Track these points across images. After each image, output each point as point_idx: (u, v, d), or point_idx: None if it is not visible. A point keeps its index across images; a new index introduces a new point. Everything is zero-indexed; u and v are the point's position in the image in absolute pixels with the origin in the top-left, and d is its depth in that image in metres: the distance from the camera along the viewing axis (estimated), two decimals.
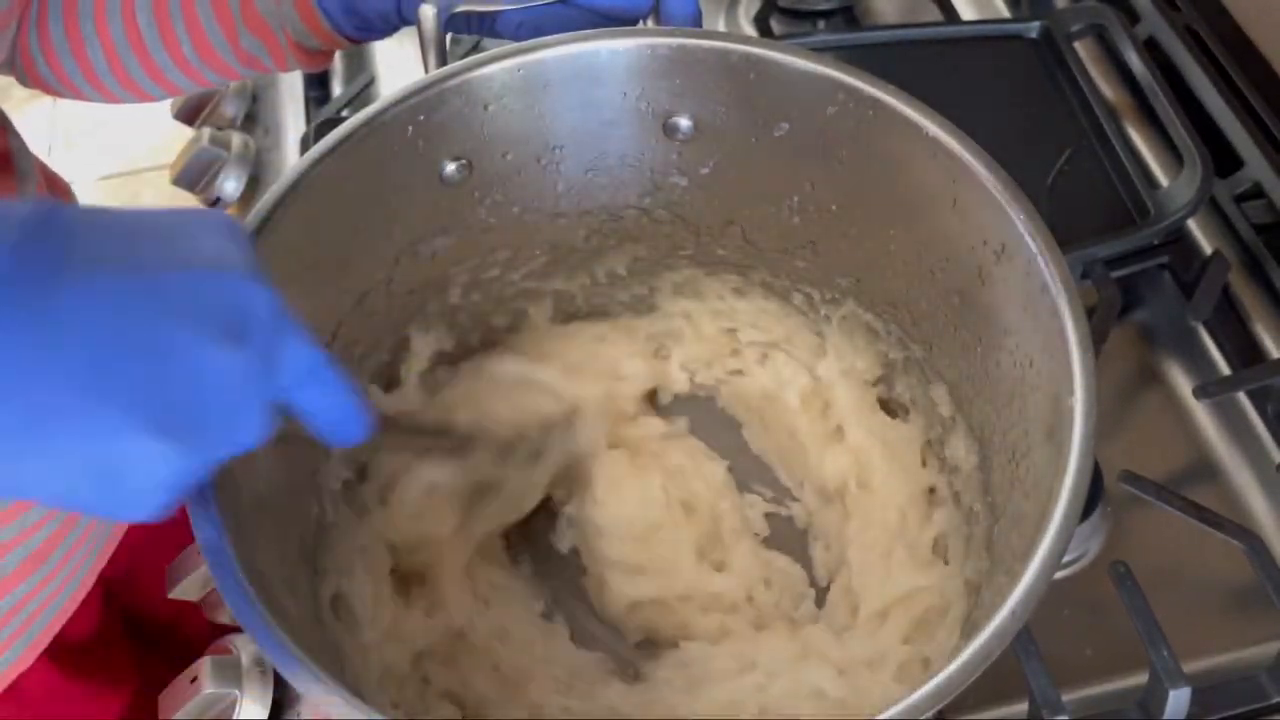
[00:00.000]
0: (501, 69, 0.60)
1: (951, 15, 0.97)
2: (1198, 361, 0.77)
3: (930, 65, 0.88)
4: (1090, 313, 0.71)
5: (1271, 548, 0.65)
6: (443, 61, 0.62)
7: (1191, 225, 0.81)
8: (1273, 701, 0.62)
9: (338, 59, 1.01)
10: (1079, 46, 0.89)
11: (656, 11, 0.64)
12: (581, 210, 0.67)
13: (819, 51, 0.61)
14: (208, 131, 0.93)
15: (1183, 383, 0.76)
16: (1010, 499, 0.55)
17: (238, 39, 0.69)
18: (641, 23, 0.64)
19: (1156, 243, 0.78)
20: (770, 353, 0.72)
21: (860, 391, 0.69)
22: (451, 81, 0.59)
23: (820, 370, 0.70)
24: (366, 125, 0.58)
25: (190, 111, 0.98)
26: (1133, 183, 0.80)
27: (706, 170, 0.65)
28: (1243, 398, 0.74)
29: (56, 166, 0.78)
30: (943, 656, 0.55)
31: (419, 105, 0.59)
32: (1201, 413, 0.74)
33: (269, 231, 0.54)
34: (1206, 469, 0.72)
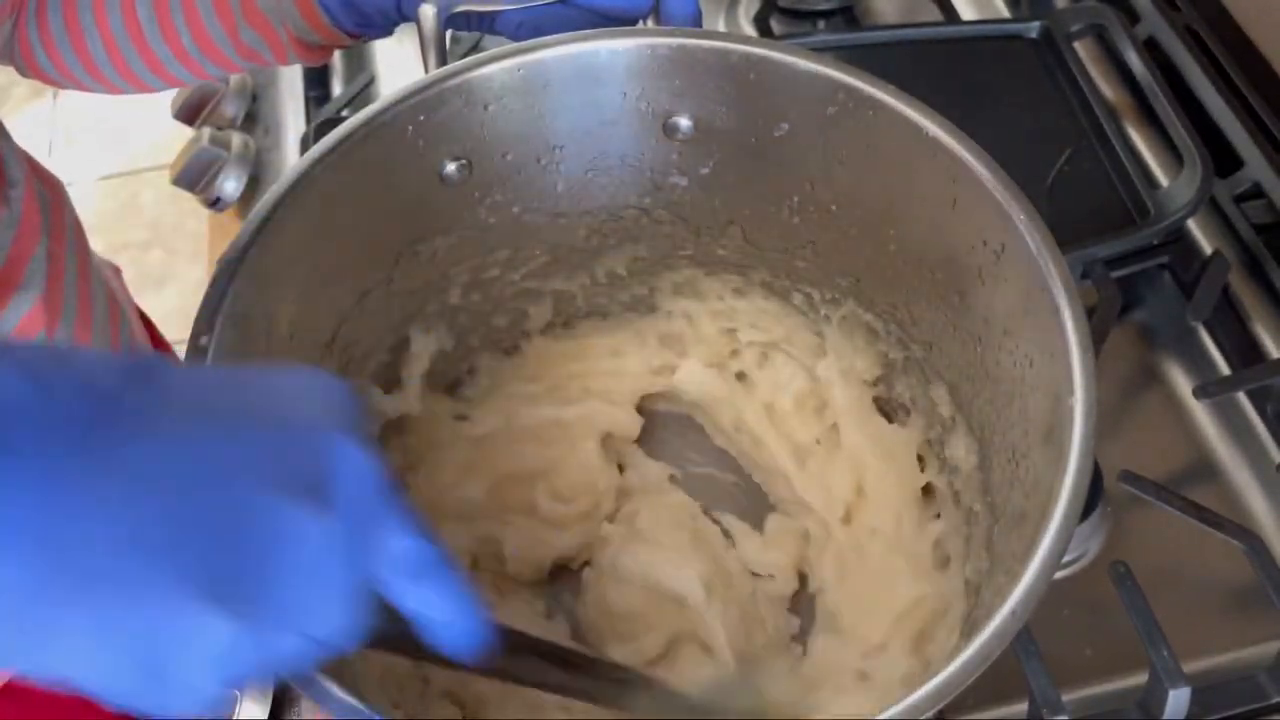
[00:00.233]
0: (501, 69, 0.60)
1: (951, 15, 0.97)
2: (1198, 361, 0.77)
3: (930, 65, 0.88)
4: (1090, 313, 0.71)
5: (1271, 548, 0.65)
6: (443, 61, 0.62)
7: (1191, 225, 0.81)
8: (1272, 701, 0.62)
9: (337, 58, 1.01)
10: (1079, 46, 0.89)
11: (656, 11, 0.64)
12: (581, 210, 0.67)
13: (819, 51, 0.61)
14: (208, 131, 0.93)
15: (1183, 383, 0.76)
16: (1010, 499, 0.55)
17: (237, 33, 0.69)
18: (641, 23, 0.64)
19: (1156, 243, 0.78)
20: (770, 353, 0.72)
21: (859, 392, 0.69)
22: (451, 81, 0.59)
23: (820, 370, 0.70)
24: (366, 125, 0.58)
25: (190, 111, 0.98)
26: (1133, 183, 0.80)
27: (706, 170, 0.65)
28: (1243, 398, 0.74)
29: (56, 165, 0.78)
30: (943, 656, 0.55)
31: (419, 105, 0.59)
32: (1201, 413, 0.74)
33: (269, 231, 0.54)
34: (1206, 469, 0.72)
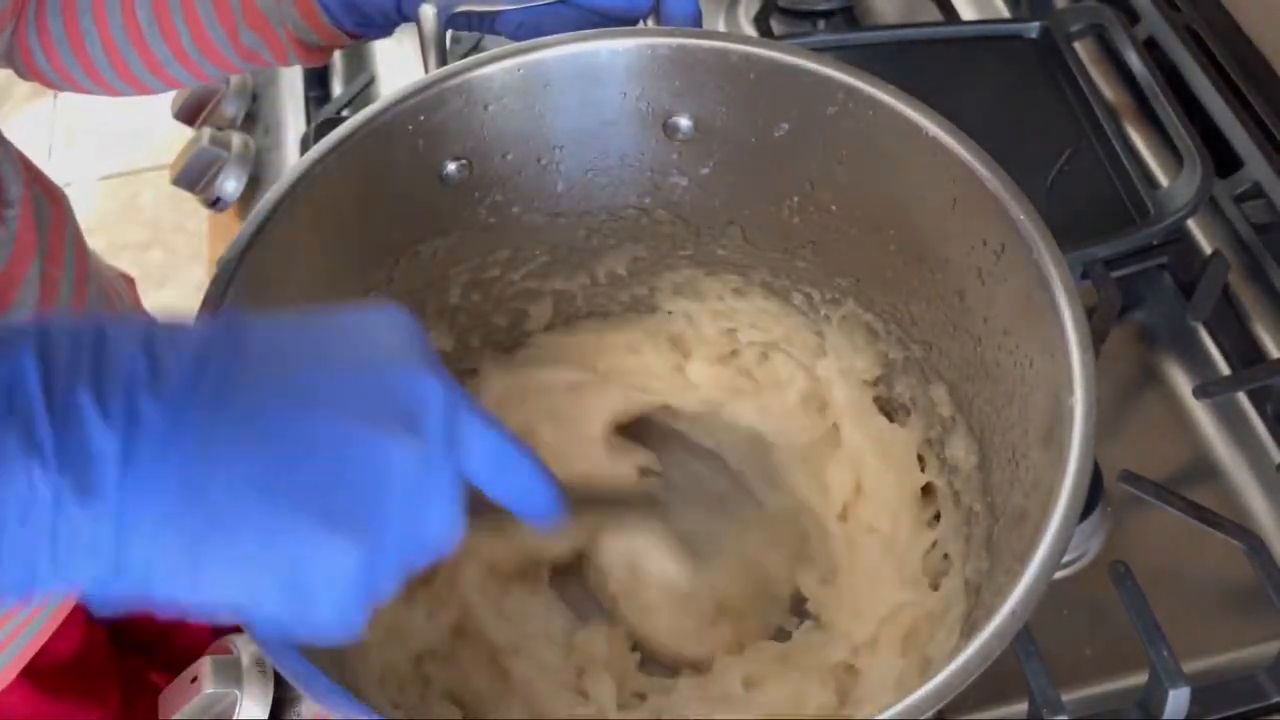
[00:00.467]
0: (501, 69, 0.60)
1: (951, 15, 0.97)
2: (1198, 361, 0.77)
3: (930, 65, 0.88)
4: (1090, 313, 0.71)
5: (1271, 548, 0.65)
6: (443, 61, 0.62)
7: (1191, 225, 0.81)
8: (1272, 701, 0.62)
9: (337, 58, 1.01)
10: (1079, 46, 0.89)
11: (656, 11, 0.64)
12: (581, 210, 0.67)
13: (819, 51, 0.61)
14: (208, 131, 0.93)
15: (1183, 383, 0.76)
16: (1010, 499, 0.55)
17: (237, 34, 0.69)
18: (641, 23, 0.64)
19: (1156, 243, 0.78)
20: (770, 353, 0.72)
21: (859, 392, 0.69)
22: (451, 81, 0.59)
23: (820, 370, 0.70)
24: (366, 125, 0.58)
25: (190, 111, 0.98)
26: (1133, 183, 0.80)
27: (706, 170, 0.65)
28: (1243, 398, 0.74)
29: (57, 166, 0.78)
30: (943, 656, 0.55)
31: (419, 105, 0.59)
32: (1201, 413, 0.74)
33: (269, 231, 0.54)
34: (1206, 469, 0.72)
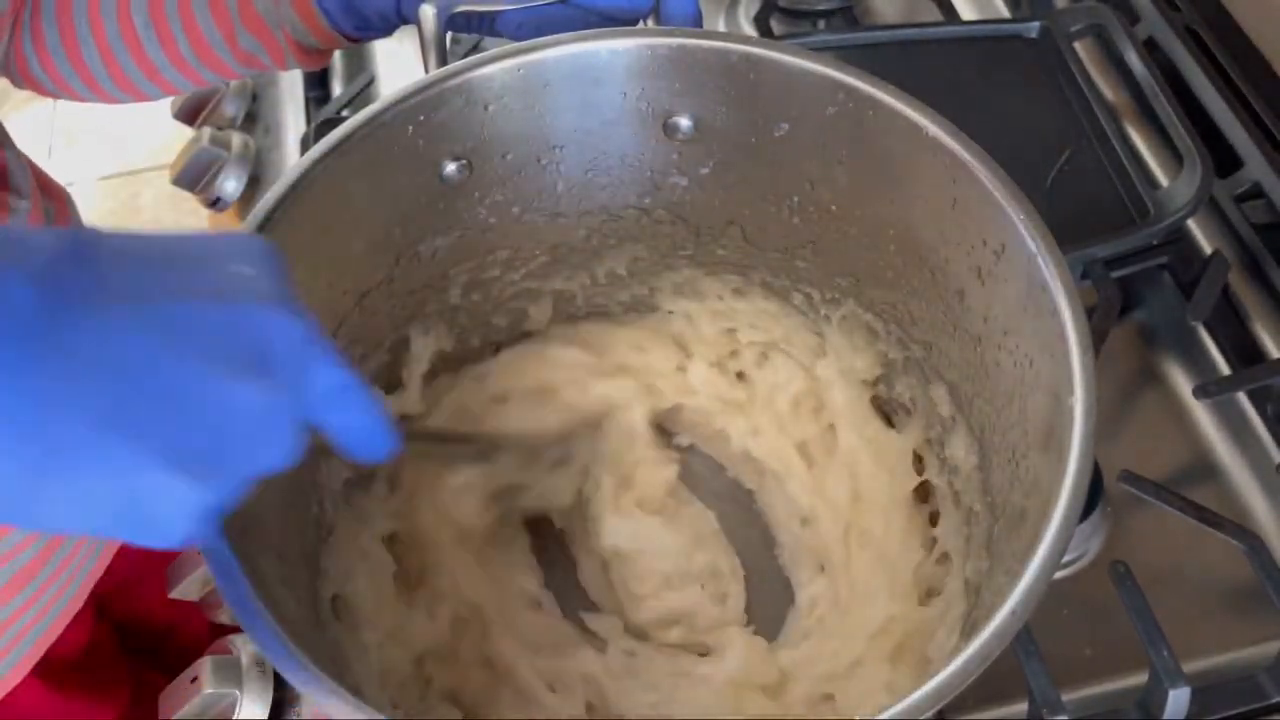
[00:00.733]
0: (501, 69, 0.60)
1: (951, 15, 0.97)
2: (1198, 361, 0.77)
3: (930, 65, 0.88)
4: (1090, 313, 0.71)
5: (1271, 548, 0.65)
6: (443, 61, 0.62)
7: (1191, 225, 0.81)
8: (1272, 701, 0.62)
9: (337, 58, 1.01)
10: (1079, 46, 0.89)
11: (656, 11, 0.64)
12: (581, 210, 0.67)
13: (819, 51, 0.61)
14: (208, 131, 0.93)
15: (1183, 383, 0.76)
16: (1010, 499, 0.55)
17: (235, 39, 0.69)
18: (641, 23, 0.64)
19: (1156, 243, 0.78)
20: (770, 353, 0.72)
21: (857, 393, 0.69)
22: (451, 81, 0.59)
23: (819, 370, 0.70)
24: (366, 125, 0.58)
25: (190, 111, 0.98)
26: (1133, 183, 0.80)
27: (706, 170, 0.65)
28: (1242, 398, 0.74)
29: (56, 166, 0.79)
30: (942, 657, 0.55)
31: (419, 105, 0.59)
32: (1201, 413, 0.74)
33: (269, 231, 0.54)
34: (1206, 469, 0.72)
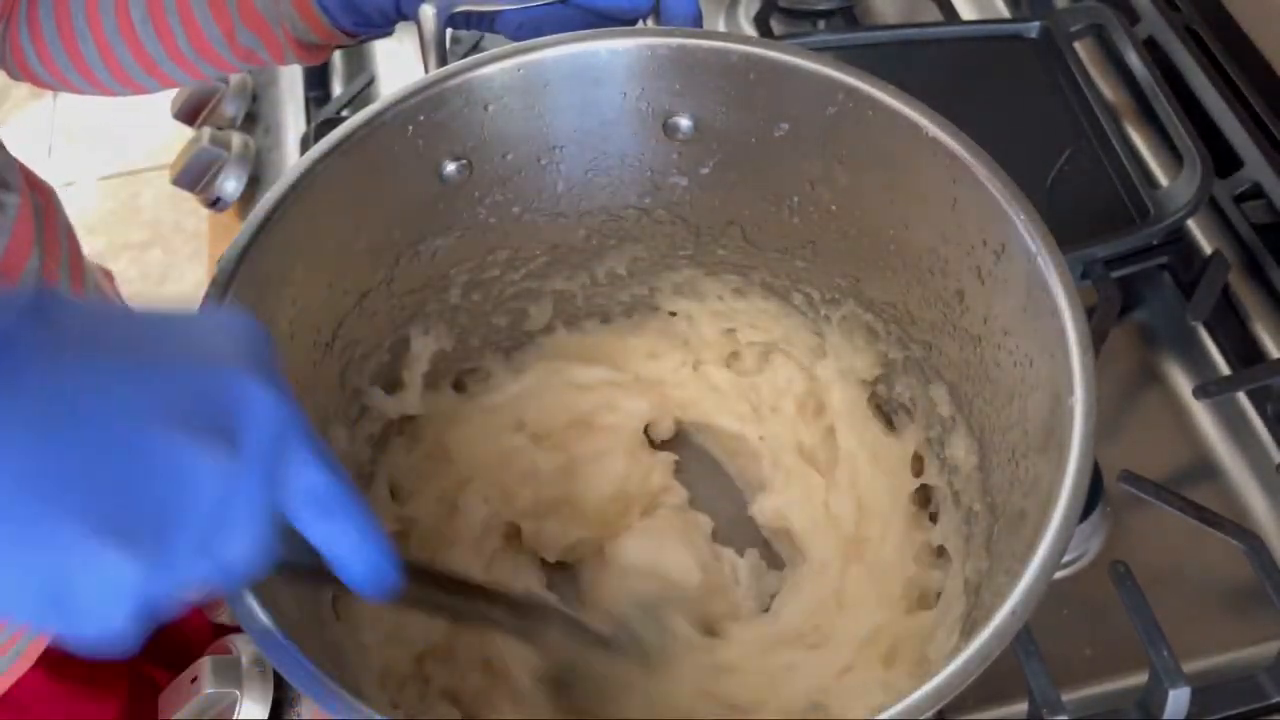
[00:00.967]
0: (501, 69, 0.60)
1: (951, 15, 0.97)
2: (1198, 361, 0.77)
3: (930, 65, 0.88)
4: (1090, 313, 0.71)
5: (1271, 548, 0.65)
6: (443, 61, 0.62)
7: (1191, 225, 0.81)
8: (1272, 701, 0.62)
9: (337, 58, 1.01)
10: (1079, 46, 0.89)
11: (657, 12, 0.64)
12: (581, 210, 0.67)
13: (819, 51, 0.61)
14: (208, 131, 0.93)
15: (1183, 383, 0.76)
16: (1010, 499, 0.55)
17: (234, 35, 0.69)
18: (641, 23, 0.64)
19: (1156, 243, 0.78)
20: (770, 353, 0.72)
21: (856, 394, 0.69)
22: (451, 81, 0.59)
23: (819, 371, 0.70)
24: (366, 125, 0.58)
25: (190, 111, 0.98)
26: (1133, 183, 0.80)
27: (706, 170, 0.65)
28: (1242, 398, 0.74)
29: (56, 166, 0.79)
30: (942, 656, 0.55)
31: (419, 105, 0.59)
32: (1201, 413, 0.74)
33: (269, 231, 0.54)
34: (1206, 469, 0.72)
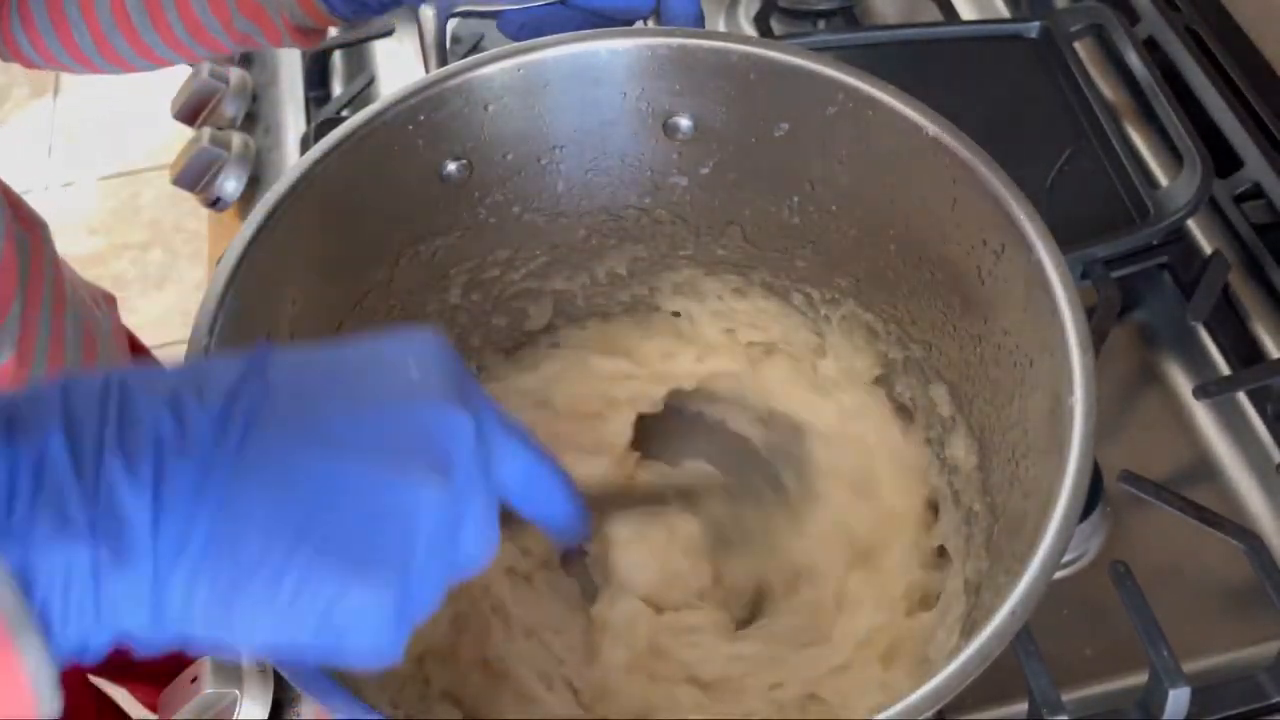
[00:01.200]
0: (501, 69, 0.60)
1: (951, 15, 0.97)
2: (1198, 361, 0.77)
3: (930, 65, 0.88)
4: (1090, 313, 0.71)
5: (1271, 548, 0.65)
6: (443, 61, 0.62)
7: (1191, 225, 0.81)
8: (1272, 701, 0.62)
9: (337, 58, 1.02)
10: (1079, 46, 0.89)
11: (657, 12, 0.64)
12: (581, 210, 0.67)
13: (819, 51, 0.61)
14: (208, 131, 0.93)
15: (1183, 383, 0.76)
16: (1010, 499, 0.55)
17: (231, 23, 0.69)
18: (641, 23, 0.64)
19: (1156, 243, 0.78)
20: (770, 353, 0.72)
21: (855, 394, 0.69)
22: (451, 81, 0.59)
23: (819, 371, 0.70)
24: (367, 125, 0.58)
25: (190, 111, 0.98)
26: (1133, 183, 0.80)
27: (706, 170, 0.65)
28: (1242, 398, 0.74)
29: (56, 166, 0.79)
30: (942, 656, 0.55)
31: (419, 105, 0.59)
32: (1201, 413, 0.74)
33: (269, 231, 0.54)
34: (1206, 469, 0.72)
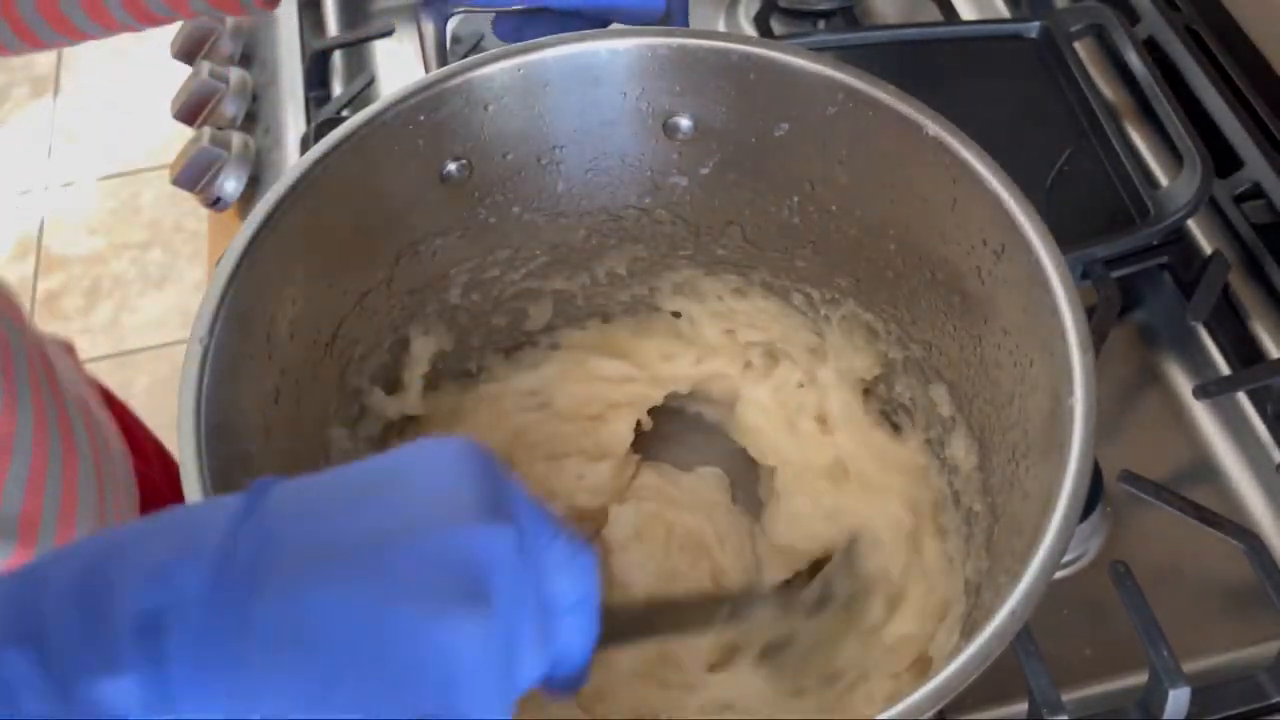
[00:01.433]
0: (501, 69, 0.60)
1: (951, 15, 0.97)
2: (1197, 361, 0.77)
3: (930, 65, 0.88)
4: (1090, 313, 0.71)
5: (1271, 548, 0.66)
6: (443, 61, 0.62)
7: (1191, 225, 0.81)
8: (1272, 701, 0.62)
9: (337, 58, 1.01)
10: (1079, 46, 0.89)
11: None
12: (581, 210, 0.67)
13: (819, 51, 0.61)
14: (208, 131, 0.93)
15: (1183, 383, 0.76)
16: (1010, 499, 0.55)
17: (188, 6, 0.69)
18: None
19: (1156, 243, 0.78)
20: (770, 353, 0.72)
21: (854, 394, 0.69)
22: (451, 81, 0.59)
23: (820, 371, 0.70)
24: (367, 125, 0.58)
25: (190, 111, 0.98)
26: (1133, 183, 0.80)
27: (706, 170, 0.65)
28: (1242, 398, 0.74)
29: (56, 166, 0.78)
30: (942, 656, 0.55)
31: (419, 105, 0.59)
32: (1201, 413, 0.74)
33: (269, 231, 0.54)
34: (1206, 469, 0.72)
